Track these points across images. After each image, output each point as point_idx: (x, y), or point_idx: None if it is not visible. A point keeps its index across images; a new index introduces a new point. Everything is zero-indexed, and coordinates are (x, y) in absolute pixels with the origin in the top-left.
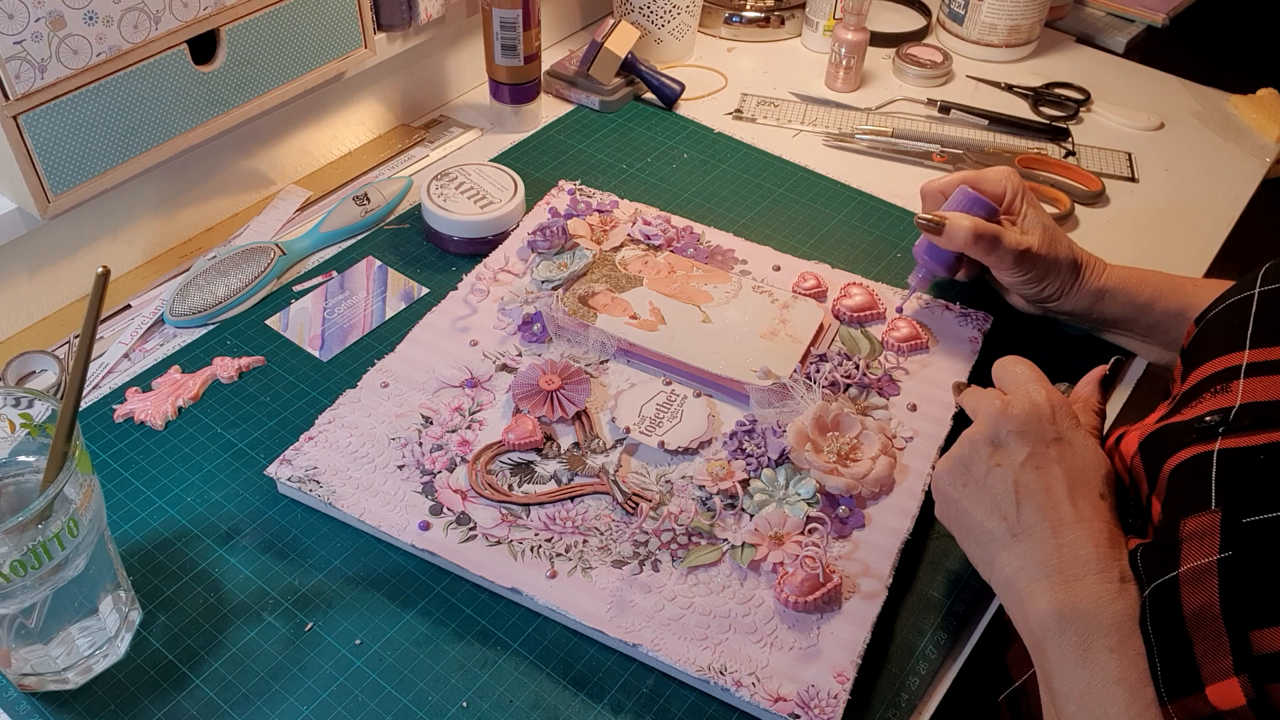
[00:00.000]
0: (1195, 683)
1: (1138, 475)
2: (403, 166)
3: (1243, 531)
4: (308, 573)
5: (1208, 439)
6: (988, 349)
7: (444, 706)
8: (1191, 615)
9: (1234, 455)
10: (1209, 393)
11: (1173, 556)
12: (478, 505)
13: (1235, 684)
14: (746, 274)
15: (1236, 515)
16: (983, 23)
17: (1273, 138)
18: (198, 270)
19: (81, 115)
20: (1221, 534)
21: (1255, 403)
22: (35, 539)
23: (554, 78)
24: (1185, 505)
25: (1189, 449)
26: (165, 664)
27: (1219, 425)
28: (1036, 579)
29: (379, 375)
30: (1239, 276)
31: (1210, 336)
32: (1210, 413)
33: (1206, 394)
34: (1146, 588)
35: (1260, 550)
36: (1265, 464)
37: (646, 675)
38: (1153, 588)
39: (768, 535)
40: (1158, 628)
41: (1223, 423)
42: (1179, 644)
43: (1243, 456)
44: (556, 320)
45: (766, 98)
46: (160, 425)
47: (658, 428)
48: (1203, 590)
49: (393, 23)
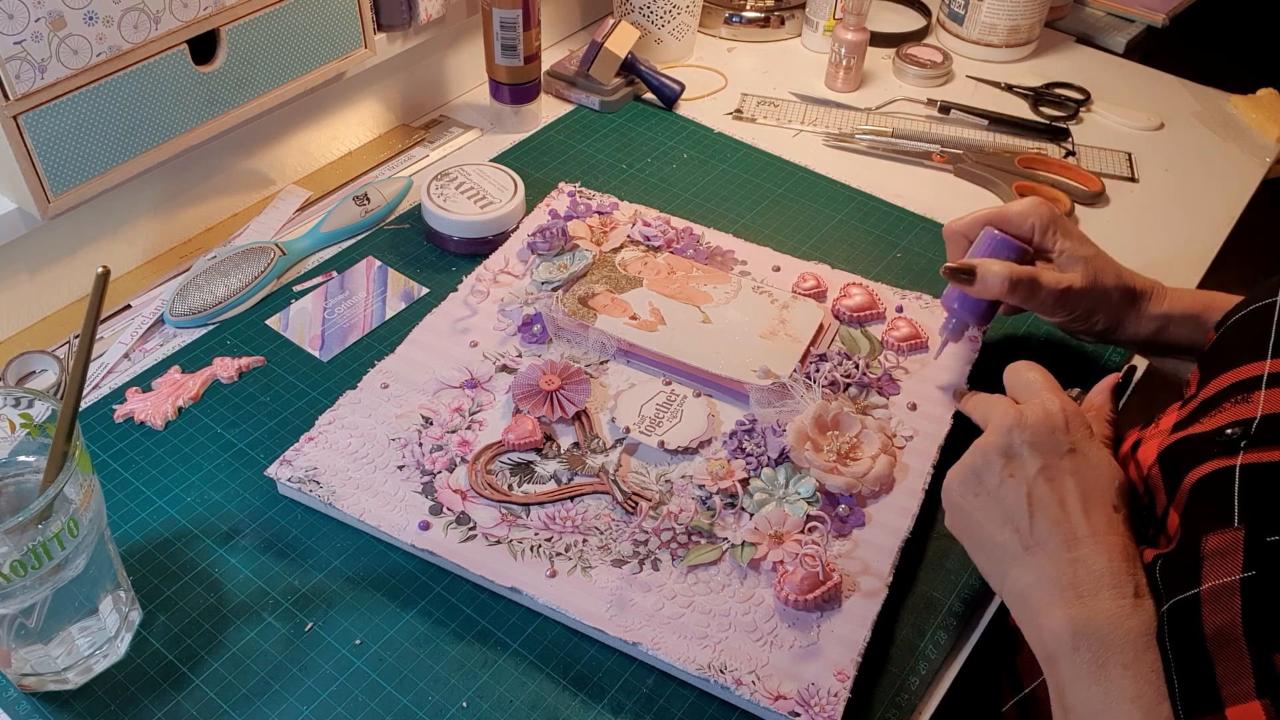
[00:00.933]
0: (1215, 703)
1: (1154, 485)
2: (403, 166)
3: (1267, 551)
4: (308, 573)
5: (1230, 453)
6: (988, 349)
7: (444, 706)
8: (1213, 635)
9: (1257, 470)
10: (1229, 402)
11: (1194, 573)
12: (478, 505)
13: (1258, 707)
14: (746, 274)
15: (1260, 534)
16: (983, 23)
17: (1273, 138)
18: (198, 270)
19: (81, 115)
20: (1245, 552)
21: (1277, 414)
22: (35, 539)
23: (554, 78)
24: (1207, 521)
25: (1211, 462)
26: (165, 664)
27: (1240, 439)
28: (1050, 594)
29: (379, 376)
30: (1239, 276)
31: (1230, 344)
32: (1231, 424)
33: (1227, 404)
34: (1165, 603)
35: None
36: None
37: (646, 675)
38: (1172, 604)
39: (768, 534)
40: (1177, 645)
41: (1244, 435)
42: (1199, 663)
43: (1266, 472)
44: (556, 321)
45: (766, 98)
46: (160, 425)
47: (657, 427)
48: (1225, 610)
49: (393, 23)
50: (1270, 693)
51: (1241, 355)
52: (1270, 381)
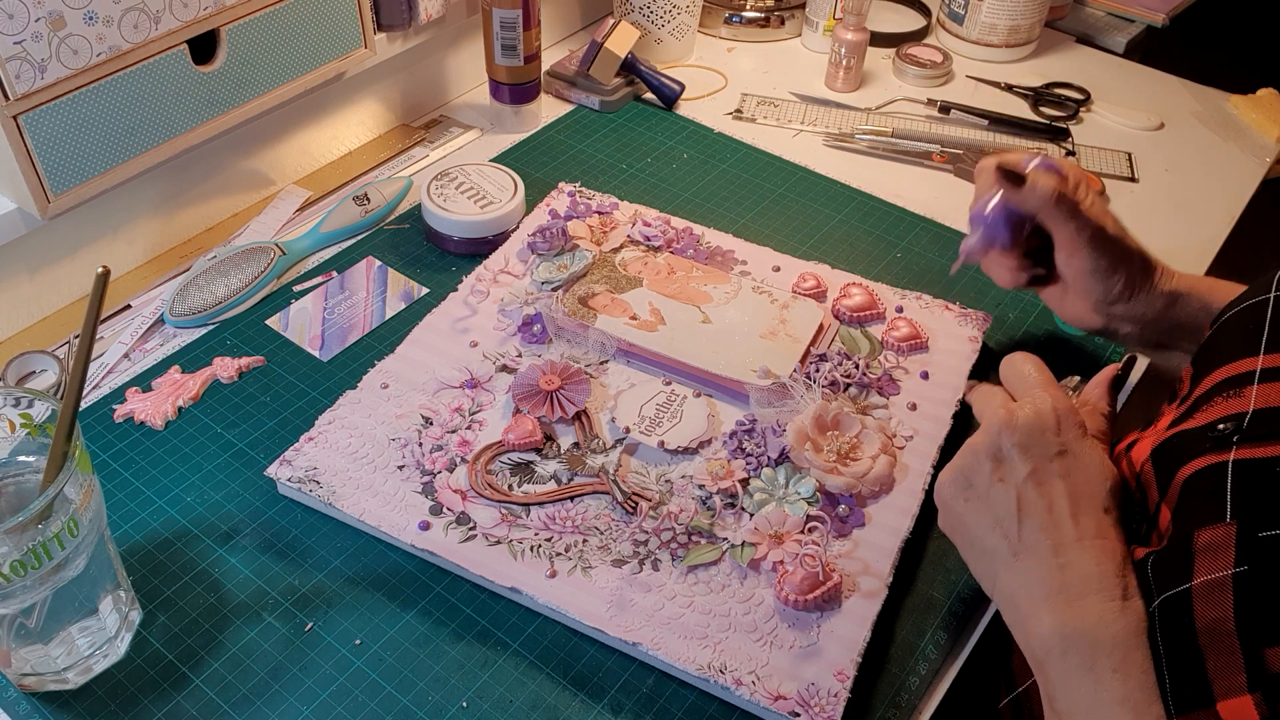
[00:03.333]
0: (1206, 697)
1: (1147, 481)
2: (403, 166)
3: (1259, 546)
4: (308, 573)
5: (1222, 448)
6: (987, 349)
7: (444, 706)
8: (1204, 630)
9: (1249, 466)
10: (1221, 397)
11: (1186, 568)
12: (478, 505)
13: (1249, 701)
14: (746, 274)
15: (1252, 529)
16: (983, 23)
17: (1273, 138)
18: (198, 270)
19: (81, 115)
20: (1236, 548)
21: (1269, 409)
22: (35, 539)
23: (554, 78)
24: (1199, 516)
25: (1203, 458)
26: (165, 664)
27: (1233, 434)
28: (1038, 599)
29: (379, 376)
30: (1239, 276)
31: (1224, 340)
32: (1223, 419)
33: (1219, 399)
34: (1157, 598)
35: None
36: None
37: (646, 675)
38: (1164, 599)
39: (768, 534)
40: (1168, 640)
41: (1236, 430)
42: (1190, 658)
43: (1258, 467)
44: (556, 321)
45: (766, 98)
46: (160, 425)
47: (657, 427)
48: (1217, 605)
49: (393, 23)
50: (1262, 687)
51: (1235, 350)
52: (1263, 376)
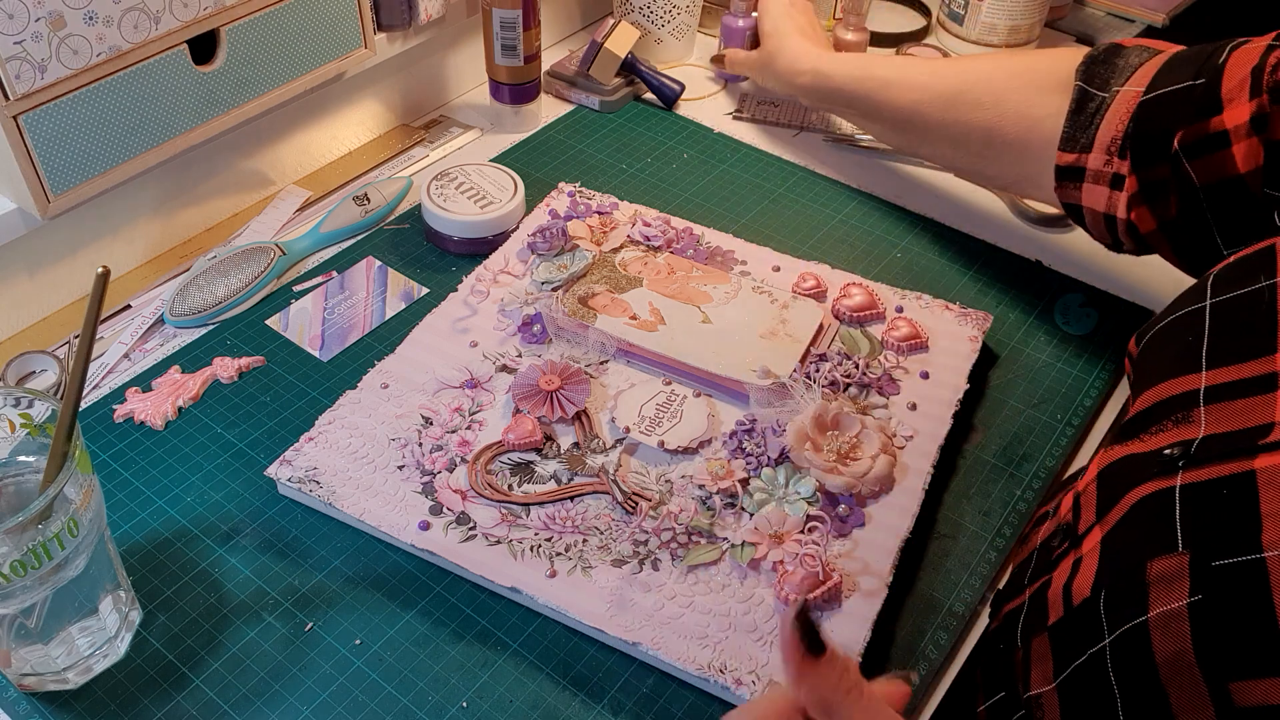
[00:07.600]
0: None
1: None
2: (403, 166)
3: (1213, 575)
4: (308, 573)
5: (1169, 473)
6: (987, 349)
7: (444, 706)
8: (1165, 662)
9: (1196, 490)
10: (1170, 420)
11: (1140, 600)
12: (477, 505)
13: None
14: (746, 274)
15: (1205, 559)
16: (983, 23)
17: None
18: (198, 270)
19: (81, 115)
20: (1190, 578)
21: (1217, 434)
22: (35, 539)
23: (554, 78)
24: (1150, 546)
25: (1150, 483)
26: (165, 664)
27: (1179, 459)
28: None
29: (379, 376)
30: None
31: (1159, 354)
32: (1170, 445)
33: (1168, 422)
34: (1109, 634)
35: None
36: (1229, 499)
37: (646, 675)
38: (1119, 633)
39: (768, 534)
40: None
41: (1184, 455)
42: (1152, 694)
43: (1205, 491)
44: (556, 321)
45: (767, 98)
46: (160, 425)
47: (657, 427)
48: (1174, 637)
49: (393, 23)
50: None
51: (1174, 368)
52: (1208, 396)
